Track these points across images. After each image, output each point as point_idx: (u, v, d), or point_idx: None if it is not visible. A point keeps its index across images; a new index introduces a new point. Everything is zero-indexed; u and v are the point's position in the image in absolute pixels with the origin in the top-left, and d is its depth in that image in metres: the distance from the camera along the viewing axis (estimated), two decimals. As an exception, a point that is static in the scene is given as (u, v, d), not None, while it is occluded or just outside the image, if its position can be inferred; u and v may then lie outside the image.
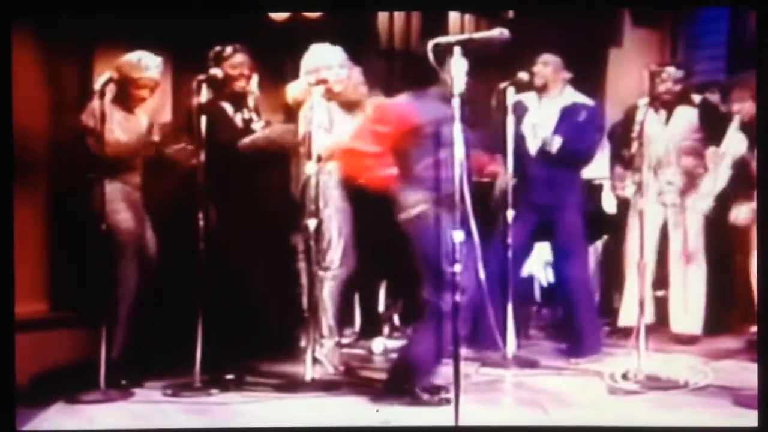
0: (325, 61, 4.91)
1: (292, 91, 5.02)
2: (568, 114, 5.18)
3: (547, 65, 5.24)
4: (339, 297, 4.98)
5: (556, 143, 5.10)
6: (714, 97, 5.94)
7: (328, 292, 4.92)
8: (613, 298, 5.97)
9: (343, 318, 5.20)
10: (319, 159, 4.67)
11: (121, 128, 4.73)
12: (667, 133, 5.49)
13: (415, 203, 4.20)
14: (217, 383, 4.55)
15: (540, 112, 5.24)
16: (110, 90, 4.60)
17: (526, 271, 5.74)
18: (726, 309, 5.73)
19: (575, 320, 5.22)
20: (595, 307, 5.43)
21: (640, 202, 4.85)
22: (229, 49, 4.94)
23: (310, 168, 4.67)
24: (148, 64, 4.78)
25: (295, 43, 5.41)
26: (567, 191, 5.18)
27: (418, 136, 4.22)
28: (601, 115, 5.36)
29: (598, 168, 5.93)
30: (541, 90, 5.25)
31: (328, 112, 4.88)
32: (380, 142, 4.28)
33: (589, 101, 5.26)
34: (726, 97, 5.85)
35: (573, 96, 5.25)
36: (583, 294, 5.22)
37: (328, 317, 4.92)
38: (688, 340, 5.44)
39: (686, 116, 5.50)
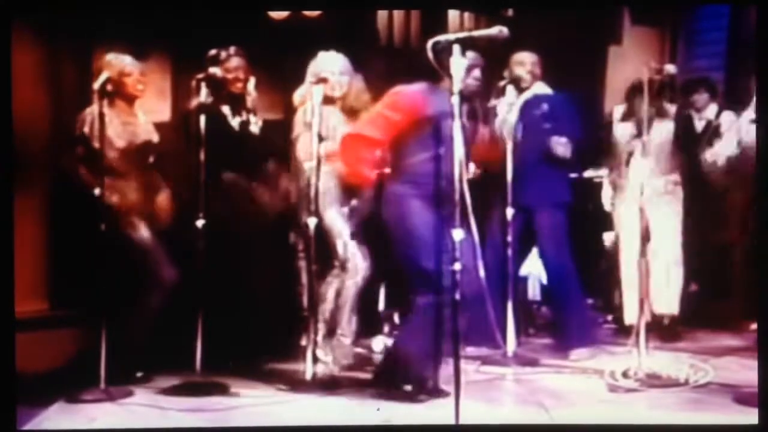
0: (326, 67, 4.91)
1: (298, 95, 5.02)
2: (529, 107, 5.16)
3: (536, 65, 5.24)
4: (359, 295, 4.98)
5: (561, 147, 5.08)
6: (702, 97, 5.94)
7: (351, 289, 4.92)
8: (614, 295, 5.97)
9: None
10: (318, 162, 4.67)
11: (119, 132, 4.74)
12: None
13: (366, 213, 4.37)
14: (217, 382, 4.56)
15: (509, 111, 5.21)
16: (107, 91, 4.60)
17: (522, 270, 5.75)
18: (713, 298, 5.76)
19: (561, 315, 5.25)
20: (583, 303, 5.43)
21: (639, 199, 4.84)
22: (224, 53, 4.95)
23: (308, 166, 4.68)
24: (127, 57, 4.79)
25: (294, 42, 5.42)
26: (546, 189, 5.15)
27: (424, 127, 4.23)
28: (570, 104, 5.30)
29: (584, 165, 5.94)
30: (525, 90, 5.24)
31: (326, 117, 4.87)
32: (387, 130, 4.30)
33: (549, 91, 5.23)
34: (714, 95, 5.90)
35: (535, 89, 5.23)
36: (568, 290, 5.22)
37: (343, 314, 4.93)
38: (670, 334, 5.41)
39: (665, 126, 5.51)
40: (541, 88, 5.24)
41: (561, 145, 5.07)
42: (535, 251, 5.61)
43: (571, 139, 5.10)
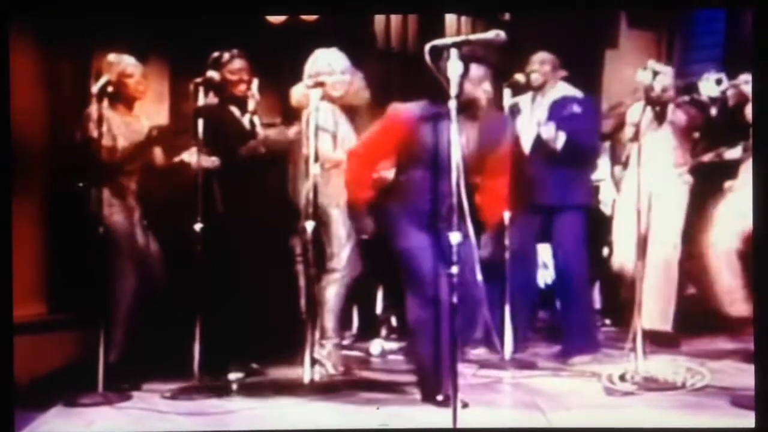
0: (326, 66, 4.93)
1: (295, 94, 5.04)
2: (558, 108, 5.18)
3: (544, 64, 5.25)
4: (343, 298, 4.98)
5: (560, 139, 5.08)
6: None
7: (333, 293, 4.92)
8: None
9: (342, 320, 5.20)
10: (316, 159, 4.67)
11: (121, 132, 4.74)
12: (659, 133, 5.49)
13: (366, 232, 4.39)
14: (216, 386, 4.57)
15: (532, 111, 5.24)
16: (108, 93, 4.60)
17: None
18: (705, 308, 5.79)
19: (570, 321, 5.24)
20: (592, 309, 5.43)
21: (637, 202, 4.84)
22: (227, 55, 4.96)
23: (314, 169, 4.69)
24: (128, 58, 4.80)
25: (292, 46, 5.42)
26: (568, 190, 5.16)
27: (417, 148, 4.23)
28: (594, 107, 5.33)
29: (596, 169, 5.94)
30: (538, 89, 5.25)
31: (333, 115, 4.89)
32: (380, 151, 4.35)
33: (578, 93, 5.25)
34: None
35: (563, 90, 5.25)
36: (580, 295, 5.23)
37: (331, 318, 4.93)
38: (667, 341, 5.43)
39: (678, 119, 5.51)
40: (566, 90, 5.25)
41: (546, 131, 5.08)
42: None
43: (585, 140, 5.12)
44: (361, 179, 4.37)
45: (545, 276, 6.03)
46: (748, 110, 5.10)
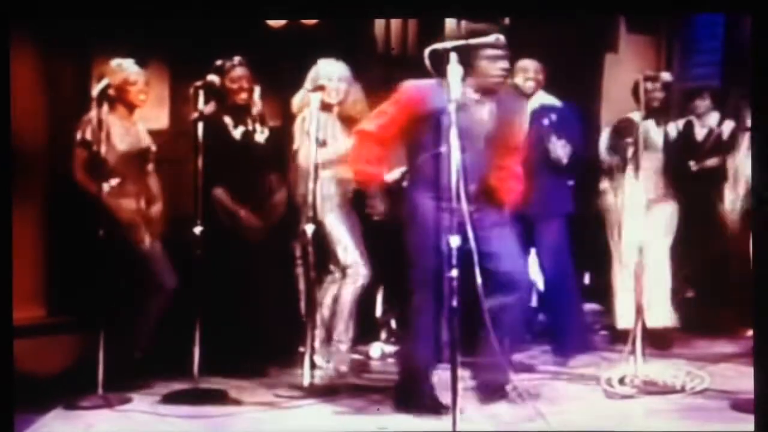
0: (325, 73, 4.93)
1: (296, 101, 5.05)
2: (536, 117, 5.16)
3: (538, 72, 5.25)
4: (359, 300, 5.00)
5: (563, 150, 5.08)
6: (704, 103, 6.00)
7: (350, 295, 4.94)
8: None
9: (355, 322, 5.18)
10: (315, 168, 4.68)
11: (121, 136, 4.74)
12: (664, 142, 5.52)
13: (378, 213, 4.24)
14: (216, 389, 4.56)
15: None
16: (108, 97, 4.60)
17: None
18: (709, 305, 5.79)
19: (560, 323, 5.27)
20: (581, 310, 5.45)
21: (635, 205, 4.85)
22: (228, 63, 4.97)
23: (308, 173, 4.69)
24: (132, 65, 4.80)
25: (292, 50, 5.43)
26: (547, 197, 5.13)
27: (424, 125, 4.12)
28: (575, 115, 5.34)
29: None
30: (528, 96, 5.25)
31: (324, 124, 4.88)
32: (383, 124, 4.22)
33: (557, 102, 5.24)
34: (717, 103, 5.94)
35: (541, 98, 5.24)
36: (568, 298, 5.24)
37: (344, 321, 4.94)
38: (661, 341, 5.42)
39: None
40: (546, 98, 5.24)
41: (560, 148, 5.07)
42: (532, 258, 5.61)
43: (573, 151, 5.12)
44: (371, 157, 4.24)
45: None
46: None
